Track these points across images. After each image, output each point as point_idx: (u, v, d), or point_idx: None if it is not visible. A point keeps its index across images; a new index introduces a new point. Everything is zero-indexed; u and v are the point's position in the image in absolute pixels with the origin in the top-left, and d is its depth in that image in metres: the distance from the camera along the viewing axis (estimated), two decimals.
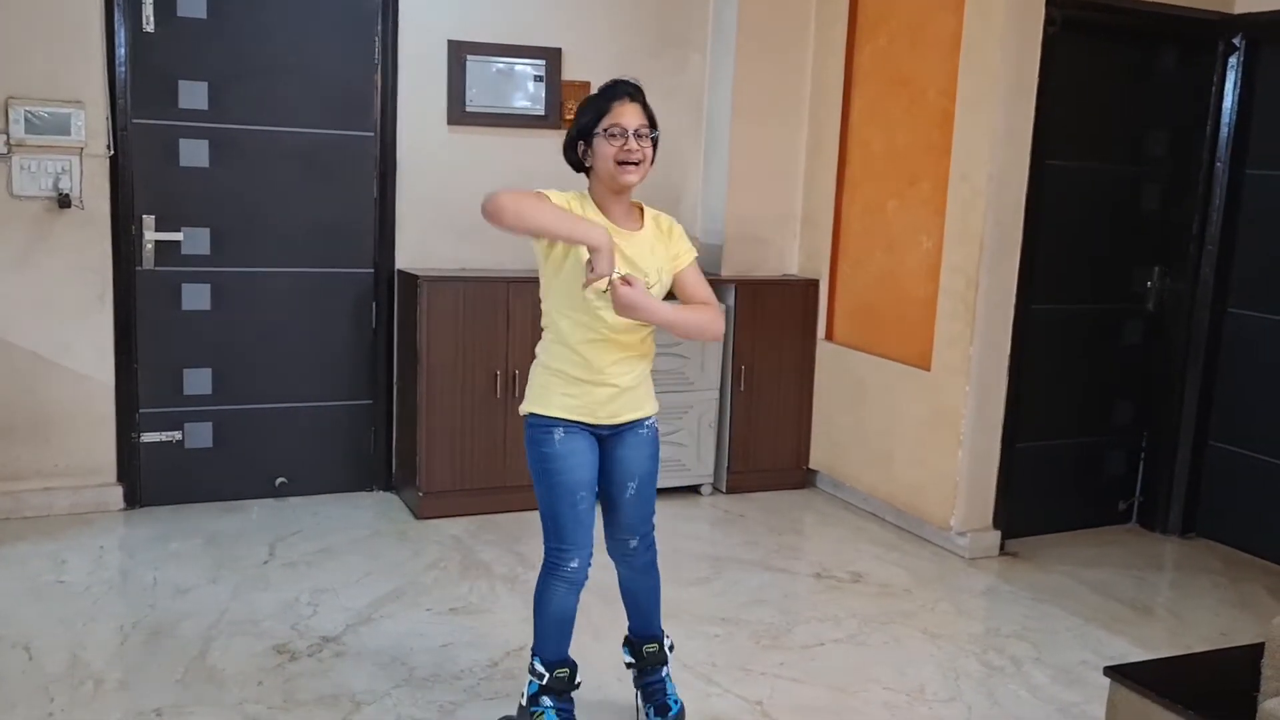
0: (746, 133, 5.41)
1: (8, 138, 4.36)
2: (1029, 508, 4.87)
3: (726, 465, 5.37)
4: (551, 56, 5.19)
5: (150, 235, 4.67)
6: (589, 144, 2.79)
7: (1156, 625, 4.09)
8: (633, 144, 2.73)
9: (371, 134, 4.97)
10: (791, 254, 5.62)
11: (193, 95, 4.67)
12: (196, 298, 4.79)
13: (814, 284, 5.45)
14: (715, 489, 5.39)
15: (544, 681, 2.92)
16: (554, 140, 5.20)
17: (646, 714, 3.10)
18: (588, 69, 5.26)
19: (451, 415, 4.76)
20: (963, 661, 3.67)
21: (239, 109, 4.75)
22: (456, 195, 4.92)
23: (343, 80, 4.91)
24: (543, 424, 2.85)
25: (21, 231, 4.46)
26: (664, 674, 3.12)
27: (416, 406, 4.73)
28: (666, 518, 4.98)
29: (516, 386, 4.73)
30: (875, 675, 3.54)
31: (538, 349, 2.94)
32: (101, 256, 4.58)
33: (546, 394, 2.86)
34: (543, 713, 2.91)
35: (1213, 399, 5.02)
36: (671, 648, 3.18)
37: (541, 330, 2.93)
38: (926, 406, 4.76)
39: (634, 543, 3.01)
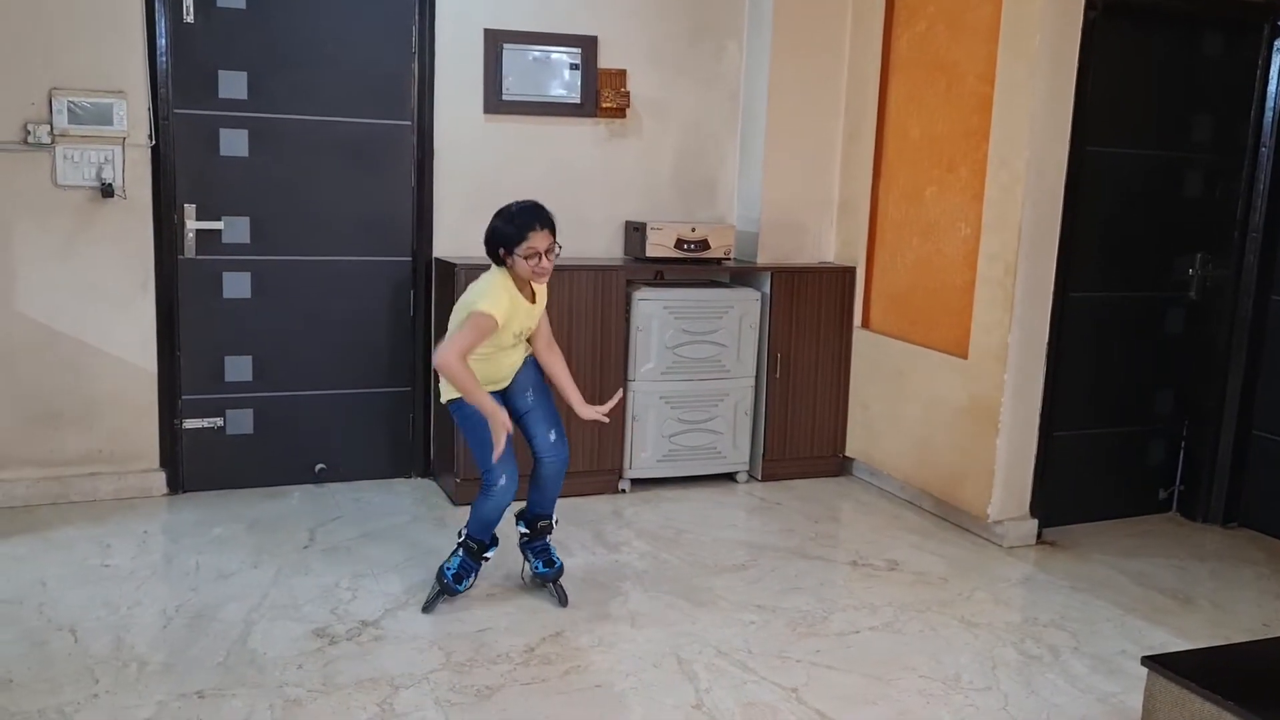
0: (783, 120, 5.39)
1: (51, 128, 4.43)
2: (1067, 496, 4.83)
3: (762, 453, 5.36)
4: (587, 45, 5.19)
5: (191, 224, 4.72)
6: (510, 254, 3.54)
7: (1197, 616, 4.05)
8: (544, 262, 3.55)
9: (409, 123, 5.00)
10: (828, 241, 5.60)
11: (232, 85, 4.72)
12: (237, 286, 4.84)
13: (851, 271, 5.42)
14: (751, 476, 5.39)
15: (461, 539, 3.82)
16: (590, 129, 5.28)
17: (535, 568, 3.91)
18: (624, 57, 5.27)
19: None
20: (1000, 650, 3.66)
21: (278, 99, 4.79)
22: (493, 183, 4.95)
23: (380, 69, 4.94)
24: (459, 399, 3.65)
25: (66, 221, 4.53)
26: (548, 540, 3.93)
27: None
28: (702, 504, 5.02)
29: None
30: (911, 663, 3.53)
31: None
32: (144, 245, 4.65)
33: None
34: (454, 557, 3.82)
35: (1256, 387, 4.95)
36: (556, 521, 3.95)
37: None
38: (964, 394, 4.73)
39: (552, 435, 3.78)
